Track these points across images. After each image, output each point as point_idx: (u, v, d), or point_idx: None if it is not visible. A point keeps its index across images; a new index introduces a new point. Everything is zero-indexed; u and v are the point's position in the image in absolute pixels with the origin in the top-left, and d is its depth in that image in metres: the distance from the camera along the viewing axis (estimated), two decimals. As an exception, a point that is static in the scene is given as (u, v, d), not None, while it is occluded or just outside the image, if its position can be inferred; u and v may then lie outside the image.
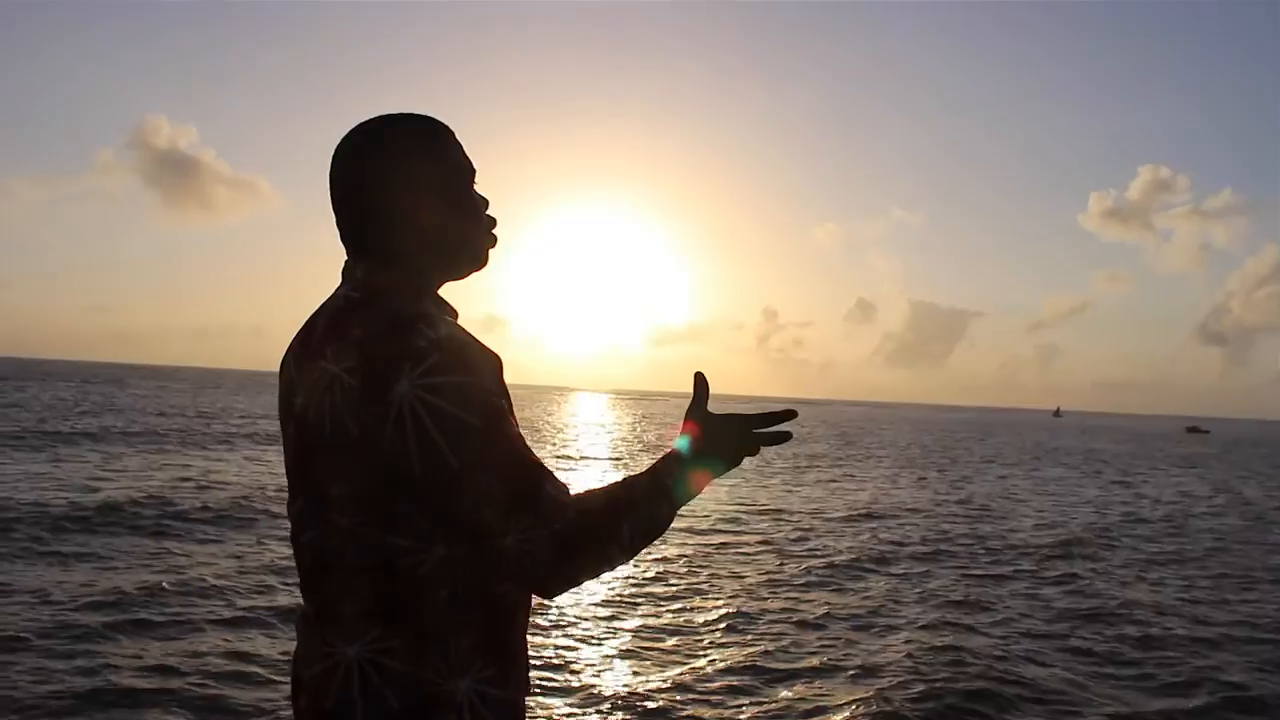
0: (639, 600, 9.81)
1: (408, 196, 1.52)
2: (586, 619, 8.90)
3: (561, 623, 8.65)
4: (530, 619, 1.57)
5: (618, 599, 9.74)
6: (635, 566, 10.85)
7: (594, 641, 8.21)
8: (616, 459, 30.39)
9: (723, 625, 8.90)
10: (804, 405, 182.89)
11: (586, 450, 33.98)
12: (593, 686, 6.92)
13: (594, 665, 7.52)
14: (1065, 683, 7.45)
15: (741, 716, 6.46)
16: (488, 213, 1.61)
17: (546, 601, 3.18)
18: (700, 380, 1.61)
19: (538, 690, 6.66)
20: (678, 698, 6.76)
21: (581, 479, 22.32)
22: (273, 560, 10.61)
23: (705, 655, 7.90)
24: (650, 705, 6.57)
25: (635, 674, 7.33)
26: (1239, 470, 38.84)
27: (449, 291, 1.61)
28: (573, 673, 7.26)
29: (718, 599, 10.00)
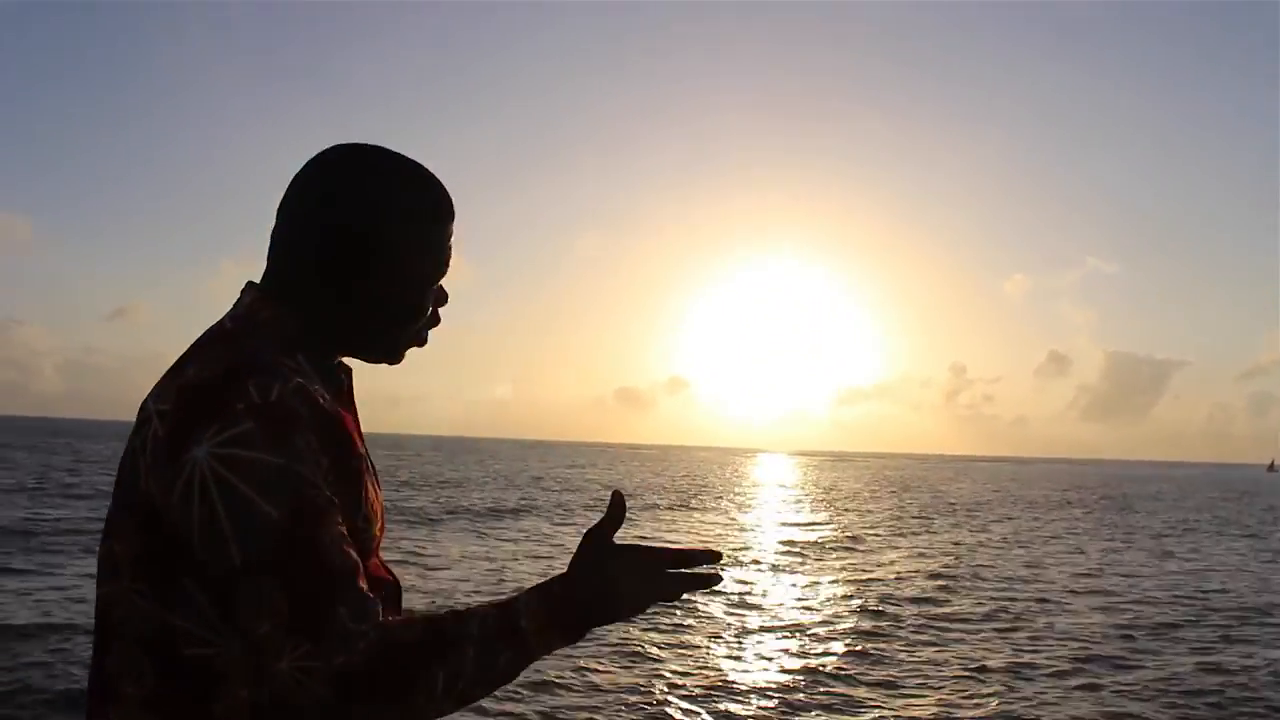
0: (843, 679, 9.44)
1: (357, 239, 1.28)
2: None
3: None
4: None
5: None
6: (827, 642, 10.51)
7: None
8: (796, 522, 29.44)
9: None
10: (997, 464, 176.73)
11: (764, 513, 33.03)
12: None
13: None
14: None
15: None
16: (435, 311, 1.38)
17: None
18: (615, 501, 1.29)
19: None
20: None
21: (753, 539, 21.92)
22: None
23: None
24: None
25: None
26: None
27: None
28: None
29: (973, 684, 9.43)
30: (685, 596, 1.28)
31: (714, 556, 1.29)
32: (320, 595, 1.12)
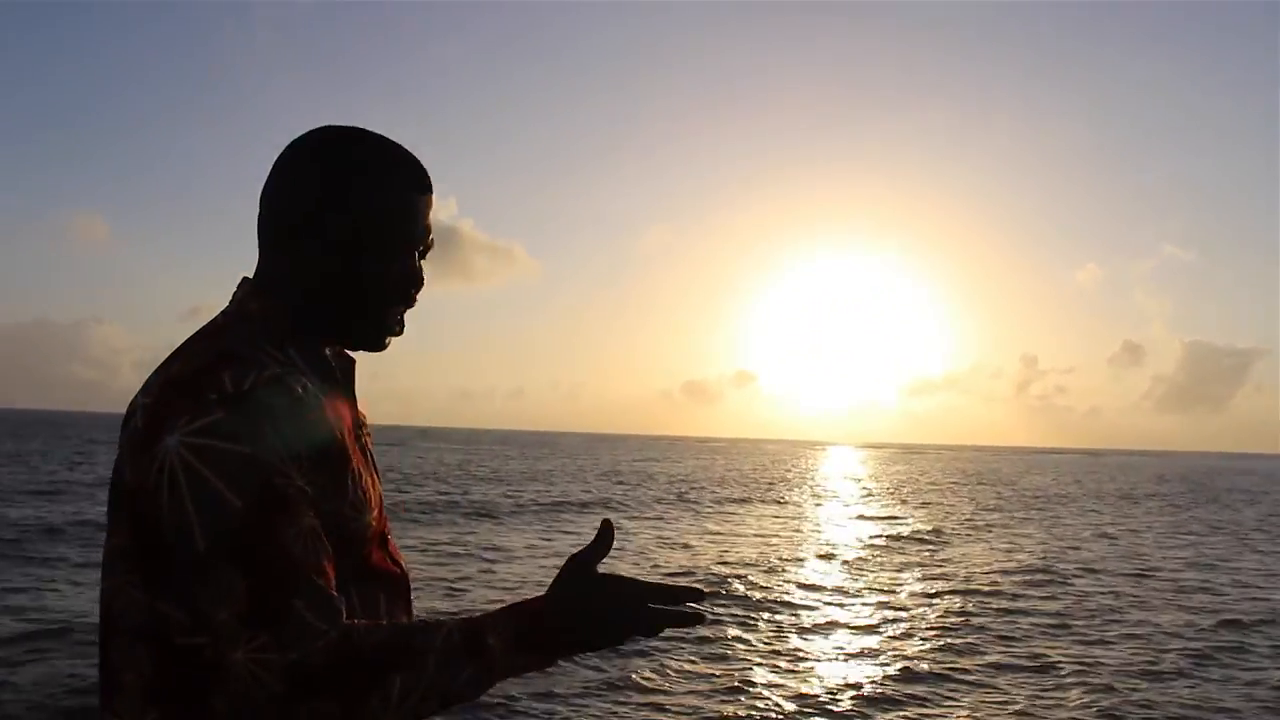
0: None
1: (322, 222, 1.29)
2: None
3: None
4: None
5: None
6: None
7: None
8: (864, 515, 28.96)
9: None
10: (1072, 456, 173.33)
11: (841, 507, 32.29)
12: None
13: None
14: None
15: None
16: (412, 294, 1.36)
17: None
18: (604, 530, 1.27)
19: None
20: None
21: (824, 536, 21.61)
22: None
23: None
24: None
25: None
26: None
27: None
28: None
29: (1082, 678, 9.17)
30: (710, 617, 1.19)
31: (697, 595, 1.27)
32: (280, 587, 1.12)
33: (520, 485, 35.43)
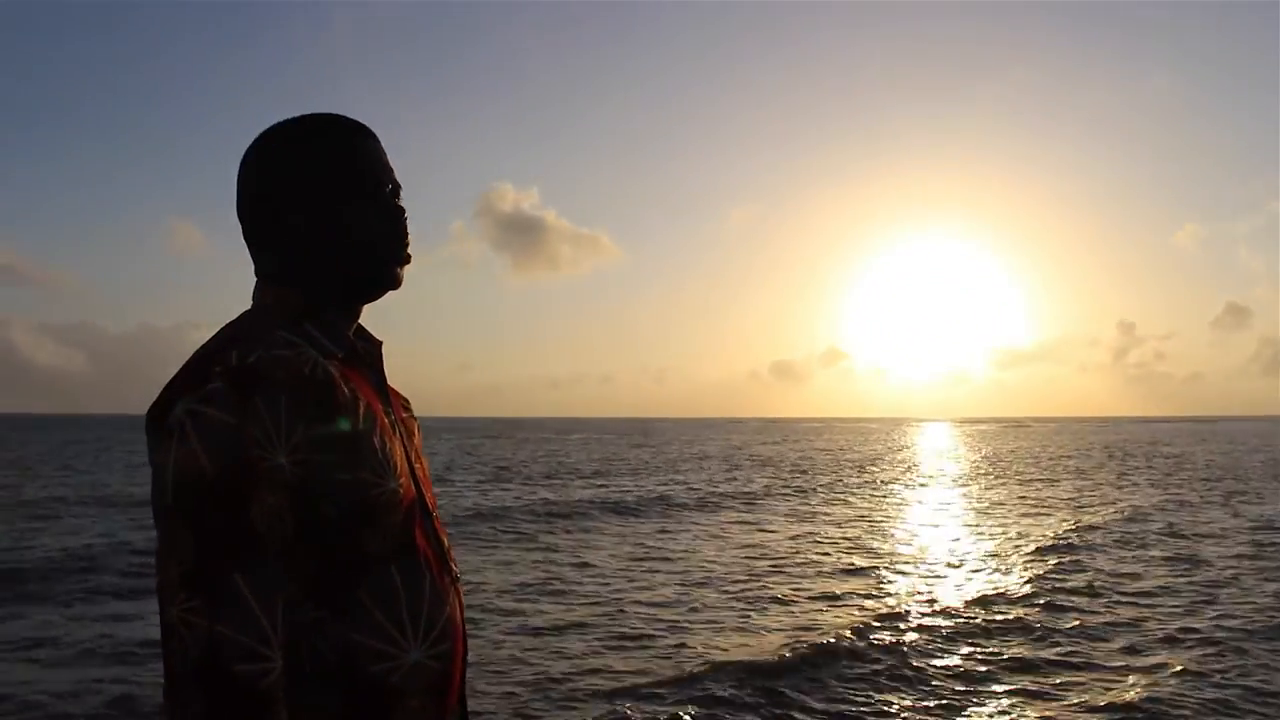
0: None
1: (276, 211, 1.37)
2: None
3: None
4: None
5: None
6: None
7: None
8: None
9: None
10: (1181, 424, 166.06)
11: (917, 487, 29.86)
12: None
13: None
14: None
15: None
16: (398, 223, 1.41)
17: None
18: None
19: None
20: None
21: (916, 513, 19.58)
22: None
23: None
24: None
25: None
26: None
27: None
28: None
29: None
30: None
31: None
32: (225, 557, 1.15)
33: (671, 475, 33.69)
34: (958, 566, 13.47)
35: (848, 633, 8.99)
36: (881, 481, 31.21)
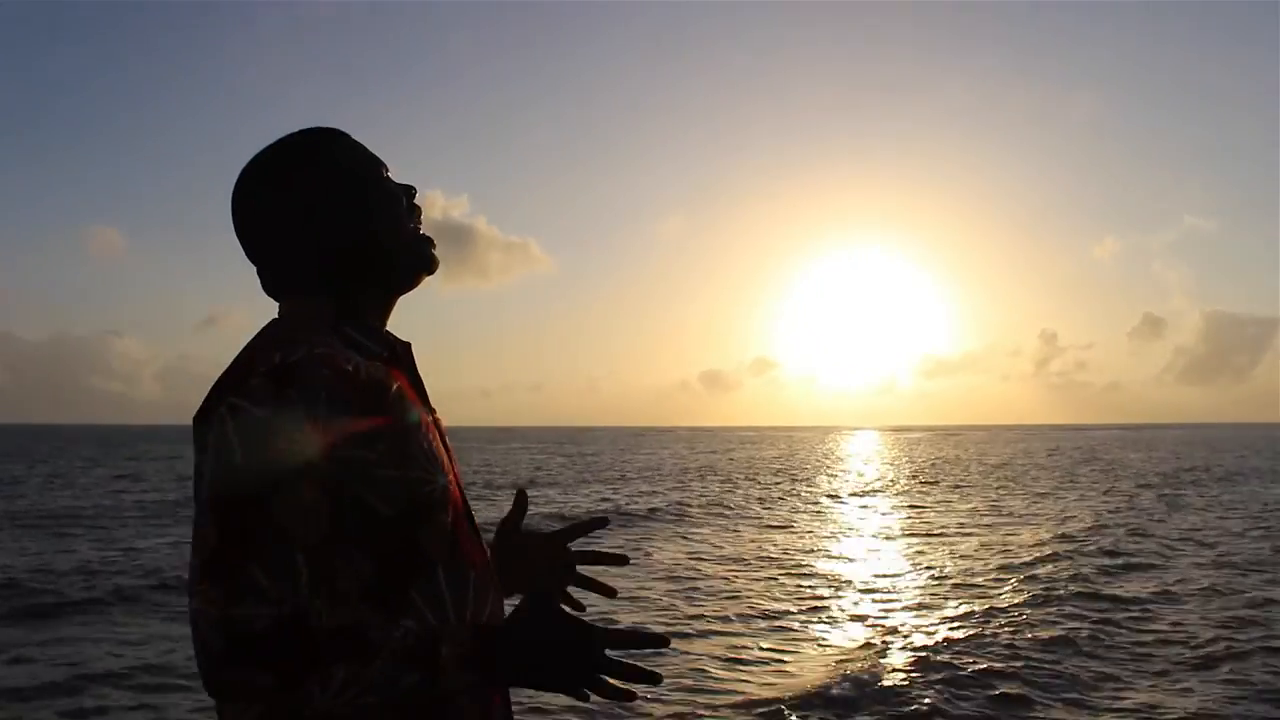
0: None
1: (294, 228, 1.37)
2: None
3: None
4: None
5: None
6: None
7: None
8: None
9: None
10: (1102, 431, 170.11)
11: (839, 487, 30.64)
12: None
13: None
14: None
15: None
16: (409, 203, 1.44)
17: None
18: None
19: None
20: None
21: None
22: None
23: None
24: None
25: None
26: None
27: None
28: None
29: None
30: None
31: (662, 641, 1.29)
32: (245, 546, 1.14)
33: (619, 485, 33.18)
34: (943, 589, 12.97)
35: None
36: (849, 494, 30.29)
